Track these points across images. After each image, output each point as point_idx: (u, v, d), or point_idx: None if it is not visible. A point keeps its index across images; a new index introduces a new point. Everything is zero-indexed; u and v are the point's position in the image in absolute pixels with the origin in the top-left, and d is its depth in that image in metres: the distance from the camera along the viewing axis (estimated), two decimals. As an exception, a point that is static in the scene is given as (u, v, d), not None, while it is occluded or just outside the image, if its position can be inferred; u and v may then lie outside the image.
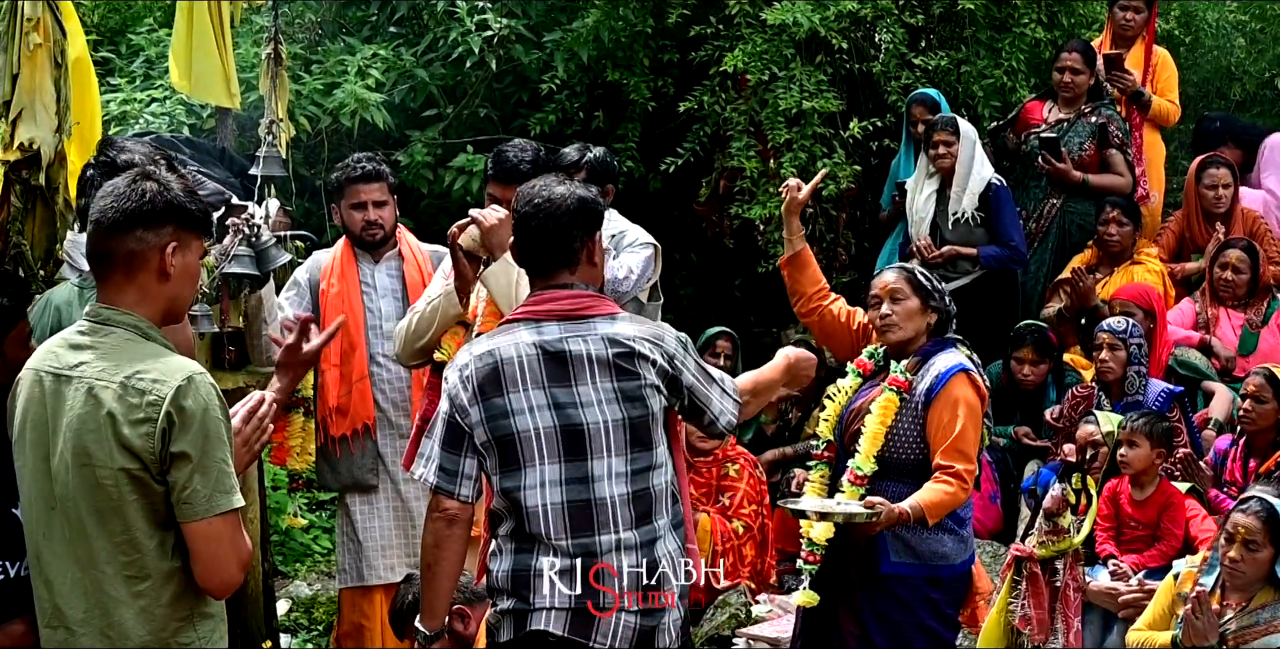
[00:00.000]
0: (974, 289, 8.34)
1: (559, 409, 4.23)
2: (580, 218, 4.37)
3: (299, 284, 6.76)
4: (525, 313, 4.34)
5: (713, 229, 9.76)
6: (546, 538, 4.21)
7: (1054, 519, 6.03)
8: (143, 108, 8.85)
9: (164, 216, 3.64)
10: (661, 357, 4.30)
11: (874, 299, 5.58)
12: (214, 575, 3.58)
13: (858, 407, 5.58)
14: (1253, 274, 8.21)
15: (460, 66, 9.41)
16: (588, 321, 4.30)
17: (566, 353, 4.25)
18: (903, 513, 5.19)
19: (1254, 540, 5.64)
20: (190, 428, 3.50)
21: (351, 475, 6.71)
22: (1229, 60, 10.58)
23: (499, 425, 4.24)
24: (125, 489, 3.52)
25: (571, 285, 4.37)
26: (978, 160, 8.43)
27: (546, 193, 4.37)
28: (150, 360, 3.56)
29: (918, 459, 5.42)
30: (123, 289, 3.65)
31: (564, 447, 4.22)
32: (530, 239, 4.38)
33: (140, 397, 3.51)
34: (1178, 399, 7.35)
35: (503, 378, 4.25)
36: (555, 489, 4.21)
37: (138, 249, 3.63)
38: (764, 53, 9.01)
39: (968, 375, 5.43)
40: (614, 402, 4.23)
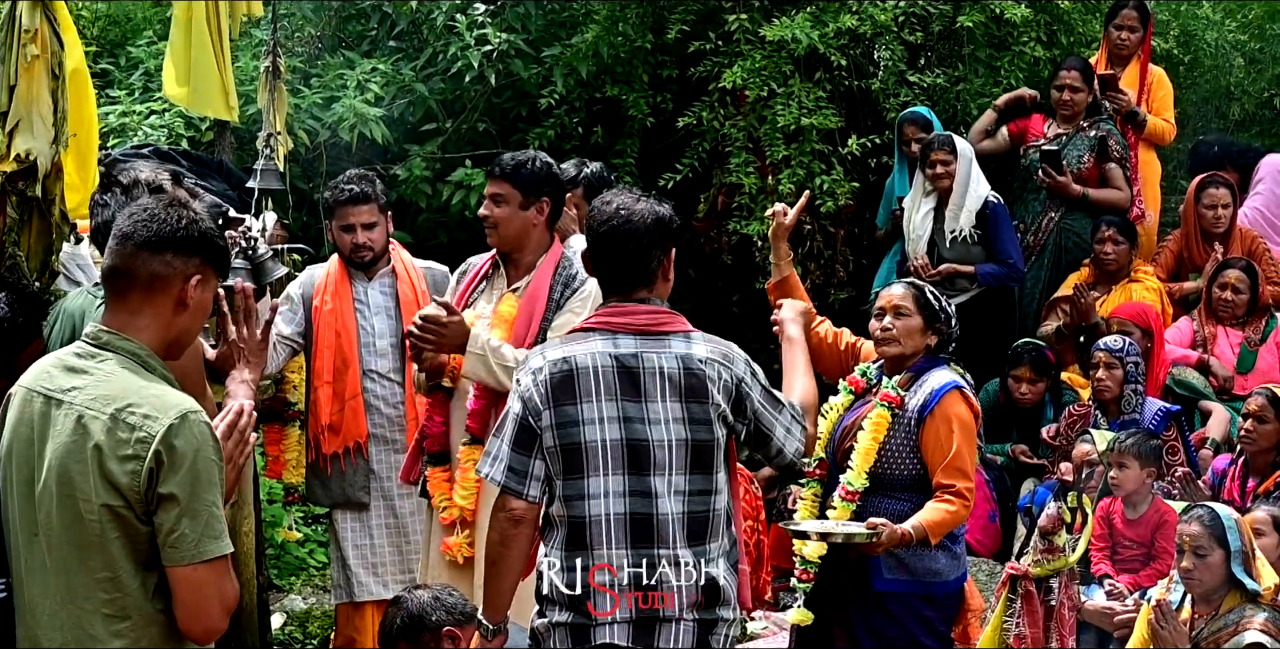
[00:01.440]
0: (972, 306, 8.33)
1: (628, 423, 4.24)
2: (658, 235, 4.37)
3: (292, 299, 6.73)
4: (602, 323, 4.34)
5: (711, 245, 9.76)
6: (605, 547, 4.22)
7: (1049, 538, 6.04)
8: (141, 120, 8.84)
9: (196, 246, 3.59)
10: (730, 378, 4.30)
11: (878, 310, 5.61)
12: (197, 622, 3.46)
13: (850, 424, 5.58)
14: (1251, 293, 8.20)
15: (459, 81, 9.41)
16: (663, 338, 4.30)
17: (640, 368, 4.25)
18: (905, 533, 5.21)
19: (1201, 546, 5.77)
20: (180, 469, 3.38)
21: (343, 493, 6.68)
22: (1228, 80, 10.58)
23: (567, 433, 4.24)
24: (108, 526, 3.40)
25: (648, 301, 4.36)
26: (975, 178, 8.43)
27: (626, 211, 4.35)
28: (145, 393, 3.45)
29: (910, 475, 5.44)
30: (137, 311, 3.56)
31: (628, 460, 4.23)
32: (609, 256, 4.38)
33: (130, 432, 3.39)
34: (1175, 418, 7.34)
35: (576, 385, 4.25)
36: (618, 500, 4.22)
37: (163, 272, 3.55)
38: (763, 69, 9.01)
39: (961, 393, 5.45)
40: (681, 422, 4.24)
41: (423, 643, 5.23)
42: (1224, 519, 5.81)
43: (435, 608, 5.22)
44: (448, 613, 5.22)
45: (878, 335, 5.58)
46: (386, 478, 6.65)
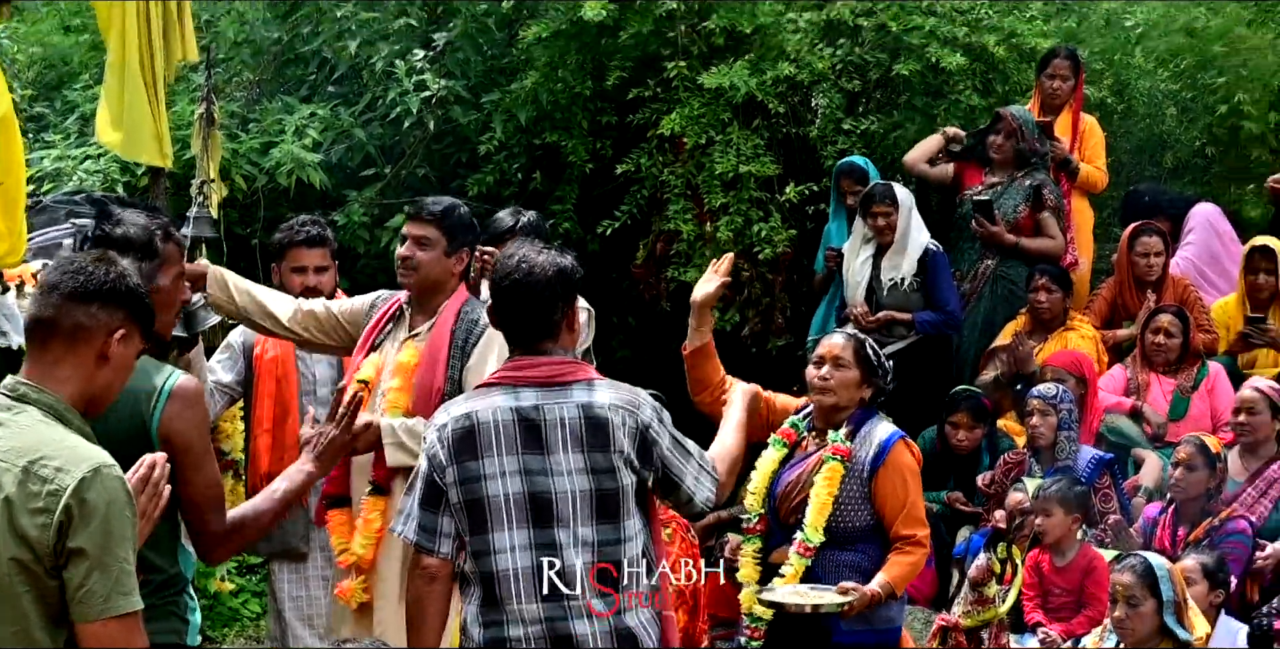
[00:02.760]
0: (909, 354, 8.37)
1: (529, 476, 4.23)
2: (560, 287, 4.37)
3: (233, 347, 6.70)
4: (504, 377, 4.34)
5: (650, 291, 9.75)
6: (515, 602, 4.22)
7: (979, 589, 6.05)
8: (77, 165, 8.78)
9: (122, 300, 3.57)
10: (636, 424, 4.29)
11: (817, 358, 5.64)
12: None
13: (794, 478, 5.60)
14: (1183, 339, 8.26)
15: (398, 127, 9.40)
16: (565, 388, 4.30)
17: (541, 420, 4.25)
18: (874, 594, 5.31)
19: (1133, 596, 5.81)
20: (91, 522, 3.32)
21: (283, 542, 6.62)
22: (1161, 129, 10.68)
23: (470, 489, 4.25)
24: (16, 580, 3.33)
25: (550, 352, 4.36)
26: (915, 226, 8.48)
27: (527, 264, 4.35)
28: (58, 446, 3.40)
29: (863, 527, 5.50)
30: (58, 363, 3.52)
31: (532, 513, 4.22)
32: (512, 310, 4.38)
33: (41, 485, 3.33)
34: (1108, 466, 7.38)
35: (478, 441, 4.25)
36: (525, 554, 4.22)
37: (87, 324, 3.53)
38: (701, 116, 9.05)
39: (906, 442, 5.56)
40: (584, 473, 4.23)
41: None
42: (1157, 569, 5.84)
43: None
44: None
45: (815, 384, 5.61)
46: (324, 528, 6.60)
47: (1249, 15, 10.93)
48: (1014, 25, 9.56)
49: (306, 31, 9.79)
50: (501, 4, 9.52)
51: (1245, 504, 7.17)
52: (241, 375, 6.64)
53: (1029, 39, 9.50)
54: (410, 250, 5.70)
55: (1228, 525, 6.90)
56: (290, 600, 6.61)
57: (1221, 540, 6.84)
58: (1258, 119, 10.45)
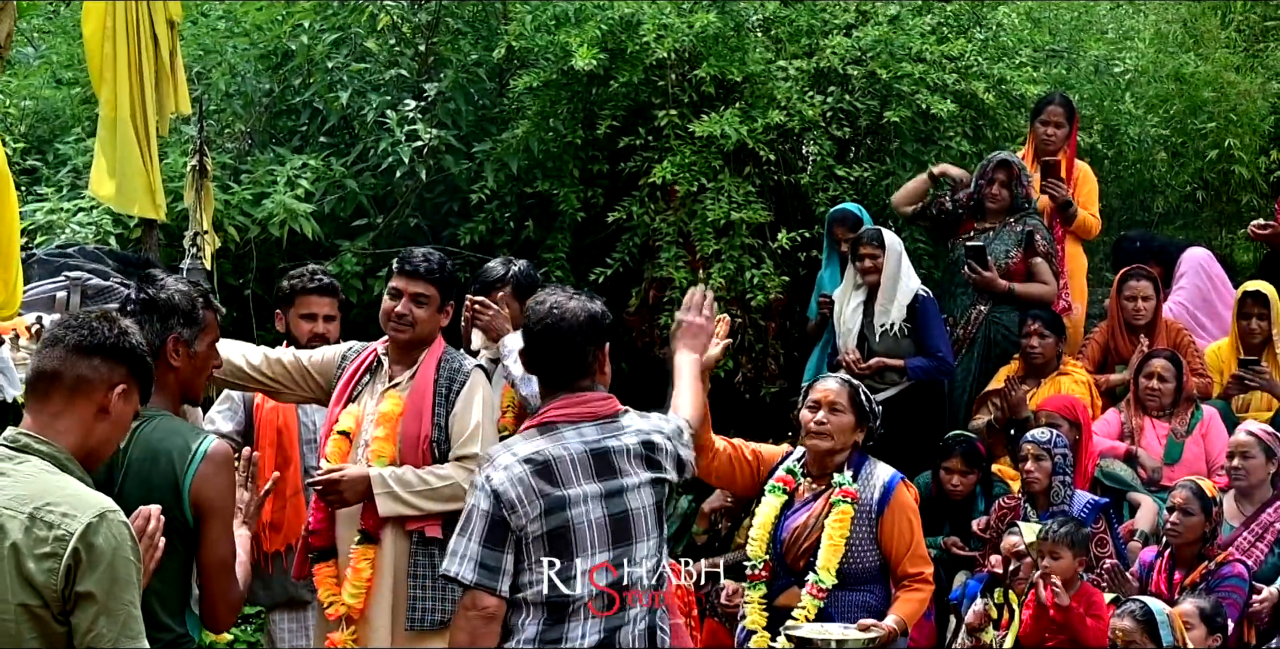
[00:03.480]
0: (902, 400, 8.38)
1: (608, 499, 4.41)
2: (591, 333, 4.52)
3: (233, 398, 6.71)
4: (562, 415, 4.47)
5: (643, 339, 9.75)
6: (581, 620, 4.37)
7: (976, 634, 6.04)
8: (69, 217, 8.79)
9: (123, 357, 3.67)
10: (669, 446, 4.57)
11: (812, 403, 5.71)
12: None
13: (801, 523, 5.66)
14: (1177, 383, 8.27)
15: (390, 176, 9.42)
16: (616, 419, 4.51)
17: (609, 450, 4.44)
18: (891, 631, 5.48)
19: (1134, 642, 5.90)
20: (98, 567, 3.38)
21: (285, 592, 6.63)
22: (1151, 174, 10.73)
23: (555, 518, 4.36)
24: (24, 626, 3.38)
25: (592, 388, 4.54)
26: (904, 272, 8.50)
27: (559, 311, 4.50)
28: (63, 493, 3.46)
29: (872, 567, 5.64)
30: (59, 415, 3.60)
31: (613, 534, 4.40)
32: (546, 354, 4.52)
33: (48, 530, 3.39)
34: (1103, 510, 7.37)
35: (556, 473, 4.37)
36: (603, 574, 4.38)
37: (89, 377, 3.61)
38: (692, 164, 9.08)
39: (905, 483, 5.74)
40: (648, 488, 4.47)
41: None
42: (1156, 614, 5.85)
43: None
44: None
45: (811, 428, 5.70)
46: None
47: (1237, 61, 11.01)
48: (1003, 72, 9.61)
49: (298, 83, 9.83)
50: (492, 54, 9.56)
51: (1241, 548, 7.16)
52: (242, 425, 6.65)
53: (1018, 85, 9.54)
54: (407, 307, 5.72)
55: (1224, 569, 6.89)
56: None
57: (1218, 584, 6.83)
58: (1248, 163, 10.52)
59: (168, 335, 4.35)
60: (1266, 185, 10.67)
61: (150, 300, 4.45)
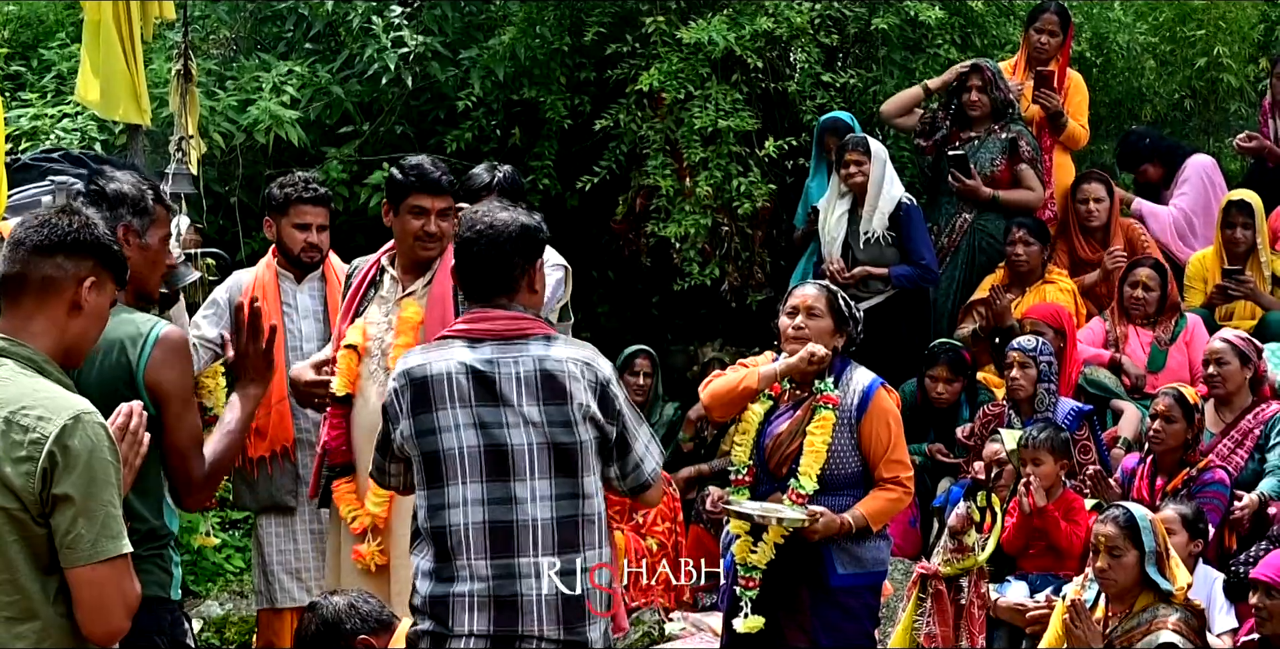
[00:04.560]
0: (886, 308, 8.41)
1: (484, 428, 4.18)
2: (522, 245, 4.33)
3: (218, 303, 6.69)
4: (461, 331, 4.31)
5: (629, 247, 9.77)
6: (465, 557, 4.15)
7: (958, 537, 6.10)
8: (54, 123, 8.75)
9: (88, 249, 3.61)
10: (595, 378, 4.26)
11: (791, 309, 5.71)
12: (98, 623, 3.44)
13: (784, 430, 5.68)
14: (1162, 292, 8.30)
15: (376, 83, 9.38)
16: (522, 342, 4.26)
17: (497, 373, 4.21)
18: (844, 522, 5.47)
19: (1116, 547, 5.89)
20: (74, 469, 3.38)
21: (270, 497, 6.64)
22: (1140, 82, 10.68)
23: (426, 441, 4.21)
24: (4, 529, 3.38)
25: (507, 307, 4.32)
26: (888, 180, 8.49)
27: (489, 219, 4.33)
28: (39, 396, 3.45)
29: (853, 473, 5.64)
30: (31, 317, 3.57)
31: (487, 466, 4.17)
32: (471, 265, 4.35)
33: (24, 433, 3.38)
34: (1087, 418, 7.43)
35: (431, 394, 4.22)
36: (478, 508, 4.16)
37: (55, 276, 3.57)
38: (680, 71, 9.04)
39: (885, 388, 5.71)
40: (539, 426, 4.18)
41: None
42: (1139, 519, 5.90)
43: (351, 615, 5.18)
44: (363, 621, 5.17)
45: (790, 333, 5.71)
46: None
47: (1228, -33, 10.94)
48: (993, -22, 9.56)
49: (283, -12, 9.76)
50: (479, -41, 9.50)
51: (1221, 455, 7.23)
52: (228, 331, 6.63)
53: (1008, -9, 9.50)
54: (438, 226, 5.65)
55: (1205, 476, 6.96)
56: (278, 554, 6.63)
57: (1199, 491, 6.90)
58: (1236, 72, 10.48)
59: (117, 224, 4.28)
60: (1254, 93, 10.64)
61: (99, 191, 4.40)
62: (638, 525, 7.71)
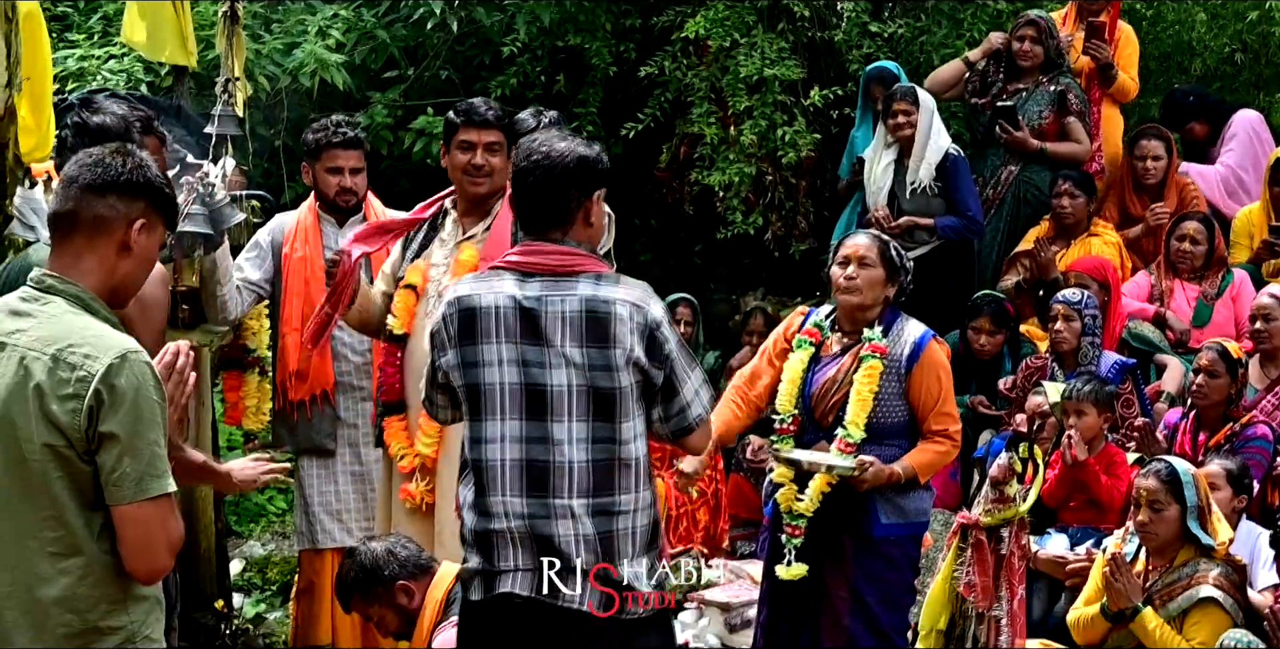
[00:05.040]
0: (931, 259, 8.36)
1: (525, 367, 4.11)
2: (579, 176, 4.19)
3: (260, 246, 6.73)
4: (513, 263, 4.20)
5: (673, 195, 9.76)
6: (501, 494, 4.12)
7: (999, 488, 6.08)
8: (100, 64, 8.77)
9: (140, 190, 3.58)
10: (644, 320, 4.13)
11: (842, 259, 5.70)
12: (141, 561, 3.46)
13: (830, 378, 5.67)
14: (1209, 246, 8.24)
15: (422, 28, 9.37)
16: (572, 279, 4.15)
17: (543, 311, 4.11)
18: (893, 473, 5.49)
19: (1157, 501, 5.87)
20: (120, 408, 3.39)
21: (310, 439, 6.69)
22: (1190, 35, 10.58)
23: (470, 374, 4.16)
24: (50, 466, 3.41)
25: (560, 242, 4.20)
26: (935, 130, 8.43)
27: (546, 148, 4.19)
28: (86, 334, 3.46)
29: (900, 422, 5.64)
30: (80, 255, 3.56)
31: (526, 405, 4.11)
32: (525, 195, 4.23)
33: (71, 371, 3.40)
34: (1130, 371, 7.39)
35: (479, 327, 4.14)
36: (515, 445, 4.12)
37: (107, 215, 3.55)
38: (726, 19, 9.02)
39: (937, 340, 5.69)
40: (580, 368, 4.09)
41: (376, 595, 5.25)
42: (1181, 474, 5.87)
43: (389, 562, 5.23)
44: (401, 566, 5.22)
45: (841, 283, 5.68)
46: (352, 425, 6.67)
47: (1283, -84, 10.80)
48: (1044, -73, 9.47)
49: (329, -70, 9.74)
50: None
51: (1265, 410, 7.18)
52: (270, 274, 6.68)
53: (1059, -59, 9.41)
54: (483, 158, 5.67)
55: (1248, 431, 6.91)
56: (318, 496, 6.69)
57: (1242, 446, 6.86)
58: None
59: None
60: (1306, 47, 10.54)
61: (82, 124, 4.36)
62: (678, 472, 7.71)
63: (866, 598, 5.59)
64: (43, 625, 3.46)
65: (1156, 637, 5.80)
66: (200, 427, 6.43)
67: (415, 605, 5.20)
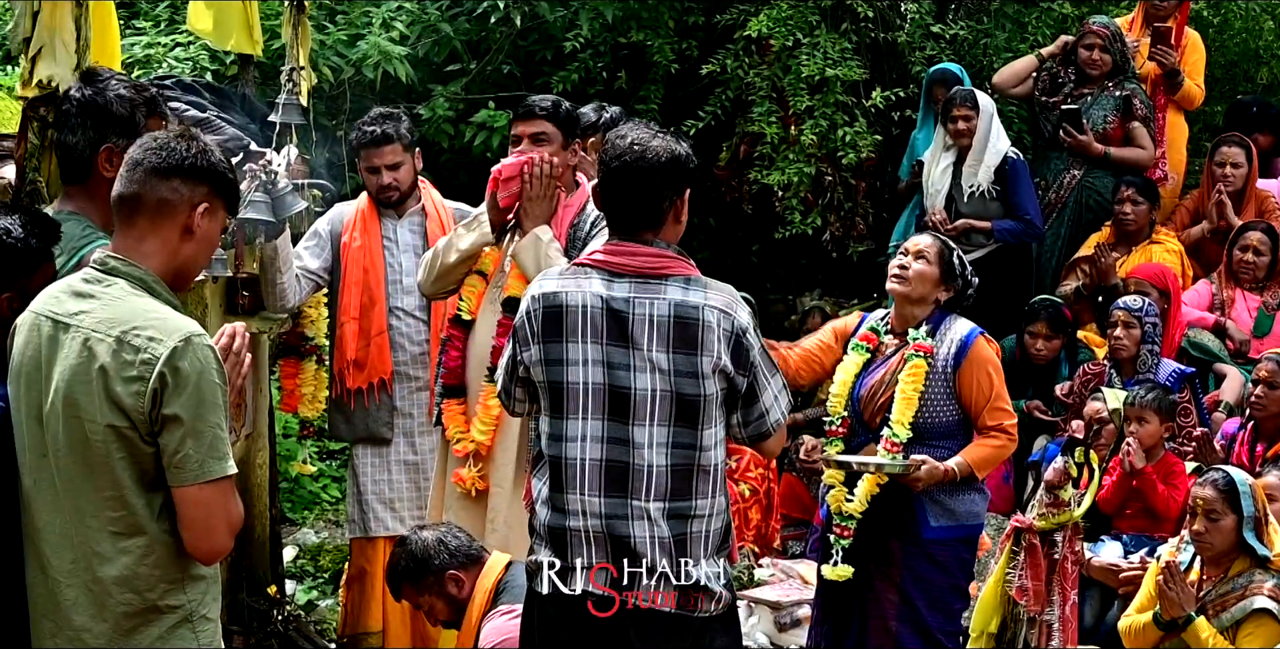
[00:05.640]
0: (989, 262, 8.32)
1: (611, 369, 4.07)
2: (673, 176, 4.11)
3: (320, 235, 6.77)
4: (600, 262, 4.14)
5: (732, 194, 9.75)
6: (579, 492, 4.09)
7: (1054, 492, 6.06)
8: (166, 52, 8.83)
9: (204, 175, 3.62)
10: (731, 327, 4.09)
11: (902, 251, 5.72)
12: (202, 542, 3.50)
13: (878, 380, 5.67)
14: (1272, 256, 8.18)
15: (485, 22, 9.39)
16: (660, 282, 4.09)
17: (630, 314, 4.07)
18: (948, 470, 5.47)
19: (1214, 510, 5.83)
20: (184, 390, 3.42)
21: (366, 428, 6.72)
22: (1257, 43, 10.49)
23: (554, 371, 4.11)
24: (113, 446, 3.45)
25: (651, 243, 4.13)
26: (995, 133, 8.40)
27: (641, 147, 4.10)
28: (150, 317, 3.49)
29: (949, 422, 5.63)
30: (144, 238, 3.59)
31: (609, 406, 4.08)
32: (618, 193, 4.15)
33: (135, 354, 3.43)
34: (1189, 380, 7.35)
35: (565, 324, 4.10)
36: (596, 445, 4.08)
37: (171, 199, 3.59)
38: (789, 18, 8.99)
39: (985, 338, 5.68)
40: (665, 374, 4.05)
41: (426, 585, 5.27)
42: (1239, 484, 5.83)
43: (439, 551, 5.25)
44: (451, 555, 5.24)
45: (894, 273, 5.67)
46: (408, 415, 6.70)
47: (1353, -75, 10.70)
48: (1111, -69, 9.41)
49: (396, -76, 9.77)
50: (593, -100, 9.45)
51: (1324, 423, 7.12)
52: (328, 263, 6.71)
53: (1127, -54, 9.35)
54: (528, 148, 5.69)
55: (1308, 443, 6.87)
56: (372, 484, 6.71)
57: (1300, 457, 6.82)
58: (1355, 34, 10.26)
59: (101, 145, 4.23)
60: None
61: (86, 102, 4.35)
62: (731, 471, 7.71)
63: (915, 601, 5.59)
64: (103, 604, 3.50)
65: (1209, 646, 5.76)
66: (258, 413, 6.46)
67: (465, 595, 5.22)
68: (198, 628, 3.58)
